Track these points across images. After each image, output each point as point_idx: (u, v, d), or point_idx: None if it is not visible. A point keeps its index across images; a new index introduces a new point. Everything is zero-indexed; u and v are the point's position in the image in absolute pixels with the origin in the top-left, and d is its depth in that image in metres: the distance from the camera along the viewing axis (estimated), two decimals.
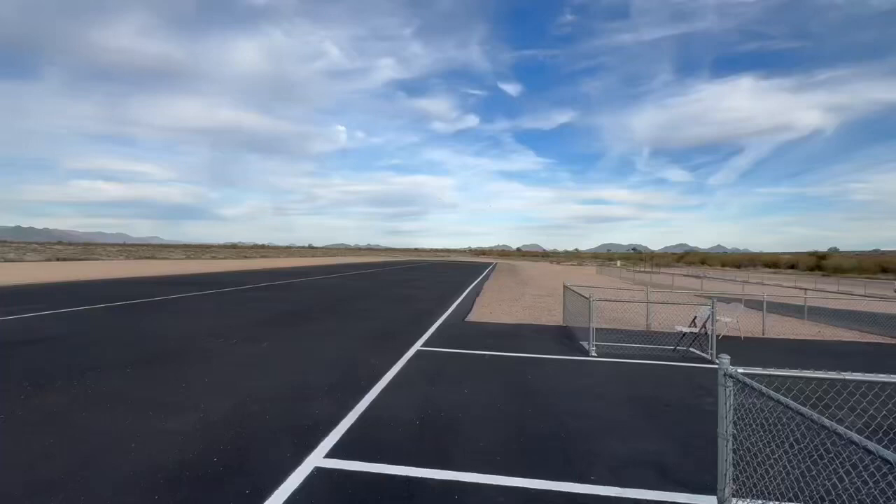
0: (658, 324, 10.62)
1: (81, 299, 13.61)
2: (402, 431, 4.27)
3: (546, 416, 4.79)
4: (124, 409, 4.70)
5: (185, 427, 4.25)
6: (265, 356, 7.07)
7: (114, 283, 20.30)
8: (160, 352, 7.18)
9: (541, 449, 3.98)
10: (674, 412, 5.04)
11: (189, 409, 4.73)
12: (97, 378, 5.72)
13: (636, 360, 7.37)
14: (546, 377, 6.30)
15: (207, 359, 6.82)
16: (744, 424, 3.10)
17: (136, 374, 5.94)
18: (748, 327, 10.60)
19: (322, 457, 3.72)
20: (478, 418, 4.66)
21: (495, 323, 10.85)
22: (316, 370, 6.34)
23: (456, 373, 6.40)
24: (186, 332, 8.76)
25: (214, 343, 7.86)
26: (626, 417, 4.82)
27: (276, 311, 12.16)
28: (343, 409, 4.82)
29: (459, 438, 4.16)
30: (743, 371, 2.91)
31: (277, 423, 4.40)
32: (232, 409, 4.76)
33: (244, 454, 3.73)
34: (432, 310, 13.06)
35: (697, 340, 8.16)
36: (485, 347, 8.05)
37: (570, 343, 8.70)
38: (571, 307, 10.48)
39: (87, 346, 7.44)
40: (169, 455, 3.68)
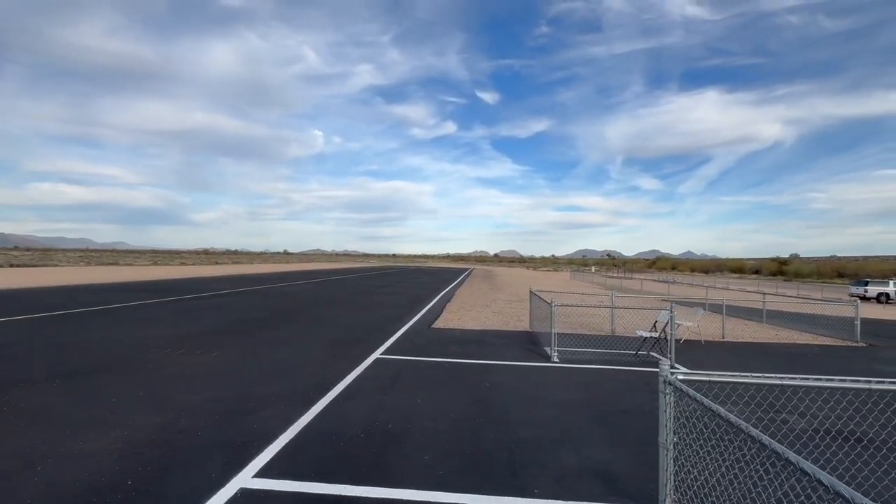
0: (623, 328, 10.68)
1: (25, 308, 12.75)
2: (343, 446, 4.03)
3: (498, 425, 4.63)
4: (40, 427, 4.29)
5: (103, 446, 3.89)
6: (212, 366, 6.68)
7: (68, 290, 19.19)
8: (99, 363, 6.70)
9: (487, 461, 3.81)
10: (629, 418, 4.97)
11: (114, 425, 4.36)
12: (17, 394, 5.24)
13: (598, 366, 7.33)
14: (504, 385, 6.16)
15: (148, 370, 6.39)
16: (687, 432, 3.02)
17: (66, 389, 5.48)
18: (709, 331, 10.78)
19: (251, 476, 3.44)
20: (427, 430, 4.46)
21: (461, 329, 10.69)
22: (265, 381, 6.02)
23: (412, 381, 6.19)
24: (133, 342, 8.24)
25: (160, 353, 7.41)
26: (581, 425, 4.72)
27: (235, 318, 11.67)
28: (285, 422, 4.54)
29: (404, 452, 3.94)
30: (683, 377, 2.82)
31: (209, 440, 4.09)
32: (162, 424, 4.41)
33: (163, 476, 3.42)
34: (400, 316, 12.81)
35: (658, 345, 8.20)
36: (446, 355, 7.87)
37: (534, 349, 8.61)
38: (537, 313, 10.42)
39: (16, 359, 6.88)
40: (77, 479, 3.34)
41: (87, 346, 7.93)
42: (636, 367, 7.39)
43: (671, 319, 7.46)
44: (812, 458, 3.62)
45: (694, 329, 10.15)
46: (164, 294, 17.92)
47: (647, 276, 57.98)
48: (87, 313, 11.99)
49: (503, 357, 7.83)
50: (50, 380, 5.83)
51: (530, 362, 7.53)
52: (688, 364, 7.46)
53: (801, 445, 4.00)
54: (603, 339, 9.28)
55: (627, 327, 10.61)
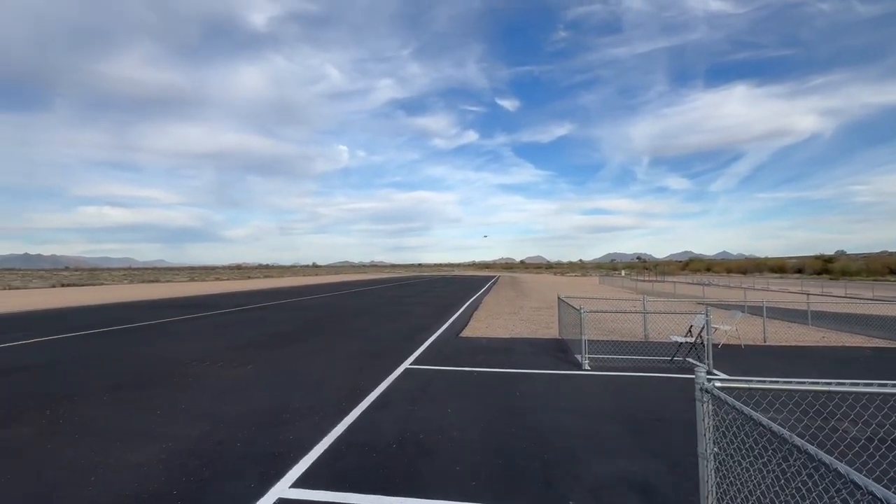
0: (656, 334, 10.37)
1: (74, 325, 13.53)
2: (375, 457, 4.08)
3: (530, 435, 4.58)
4: (92, 439, 4.54)
5: (149, 457, 4.07)
6: (248, 379, 6.90)
7: (113, 307, 20.23)
8: (143, 377, 7.03)
9: (520, 472, 3.77)
10: (666, 428, 4.81)
11: (158, 437, 4.56)
12: (69, 407, 5.56)
13: (631, 373, 7.14)
14: (535, 393, 6.09)
15: (188, 383, 6.66)
16: (728, 442, 2.90)
17: (112, 402, 5.78)
18: (749, 335, 10.32)
19: (288, 486, 3.53)
20: (458, 440, 4.46)
21: (489, 338, 10.63)
22: (298, 392, 6.16)
23: (441, 392, 6.20)
24: (173, 356, 8.61)
25: (199, 367, 7.71)
26: (616, 434, 4.60)
27: (268, 331, 12.01)
28: (318, 433, 4.64)
29: (436, 463, 3.95)
30: (721, 384, 2.72)
31: (247, 451, 4.22)
32: (202, 436, 4.58)
33: (205, 485, 3.55)
34: (428, 326, 12.86)
35: (694, 350, 7.91)
36: (475, 364, 7.84)
37: (564, 357, 8.47)
38: (566, 319, 10.26)
39: (68, 374, 7.31)
40: (127, 487, 3.51)
41: (132, 360, 8.34)
42: (672, 373, 7.15)
43: (707, 323, 7.20)
44: (865, 469, 3.41)
45: (732, 333, 9.75)
46: (201, 309, 18.63)
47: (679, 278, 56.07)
48: (131, 329, 12.60)
49: (533, 365, 7.74)
50: (100, 393, 6.16)
51: (560, 370, 7.41)
52: (727, 370, 7.17)
53: (853, 456, 3.77)
54: (635, 346, 9.02)
55: (661, 333, 10.29)
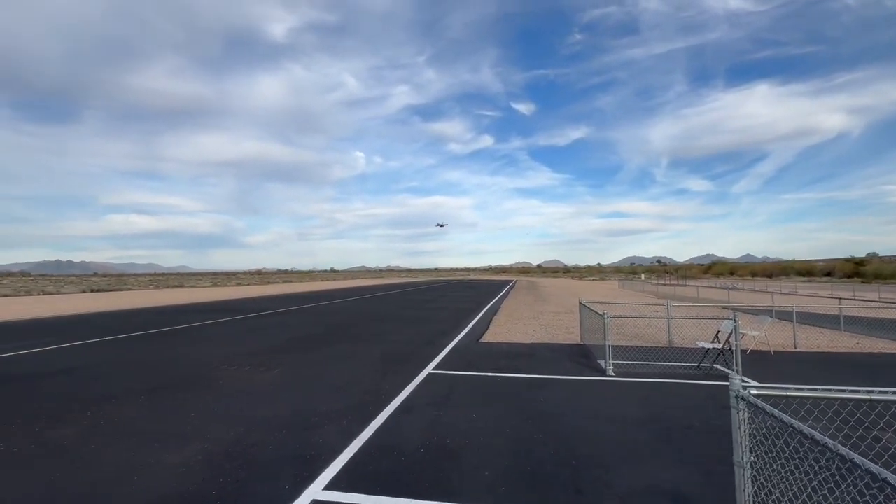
0: (681, 339, 10.18)
1: (107, 329, 14.02)
2: (405, 461, 4.13)
3: (557, 441, 4.57)
4: (132, 439, 4.72)
5: (187, 458, 4.22)
6: (276, 383, 7.06)
7: (141, 312, 20.87)
8: (176, 380, 7.25)
9: (549, 478, 3.77)
10: (696, 435, 4.74)
11: (194, 438, 4.72)
12: (109, 409, 5.79)
13: (656, 379, 7.04)
14: (559, 400, 6.06)
15: (219, 387, 6.85)
16: (765, 451, 2.86)
17: (150, 404, 5.99)
18: (779, 340, 10.05)
19: (321, 489, 3.61)
20: (485, 446, 4.48)
21: (510, 343, 10.61)
22: (325, 396, 6.28)
23: (465, 397, 6.23)
24: (203, 360, 8.86)
25: (228, 370, 7.92)
26: (644, 441, 4.56)
27: (292, 336, 12.23)
28: (347, 437, 4.72)
29: (464, 468, 3.99)
30: (756, 392, 2.70)
31: (279, 453, 4.33)
32: (236, 438, 4.72)
33: (242, 486, 3.66)
34: (447, 331, 12.90)
35: (722, 356, 7.75)
36: (497, 369, 7.85)
37: (586, 362, 8.40)
38: (588, 324, 10.18)
39: (105, 377, 7.59)
40: (169, 487, 3.65)
41: (165, 363, 8.61)
42: (699, 380, 7.02)
43: (735, 329, 7.06)
44: None
45: (761, 339, 9.51)
46: (225, 314, 19.07)
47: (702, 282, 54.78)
48: (161, 333, 13.00)
49: (555, 371, 7.70)
50: (136, 395, 6.39)
51: (584, 376, 7.35)
52: (757, 377, 7.00)
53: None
54: (660, 352, 8.89)
55: (686, 338, 10.11)
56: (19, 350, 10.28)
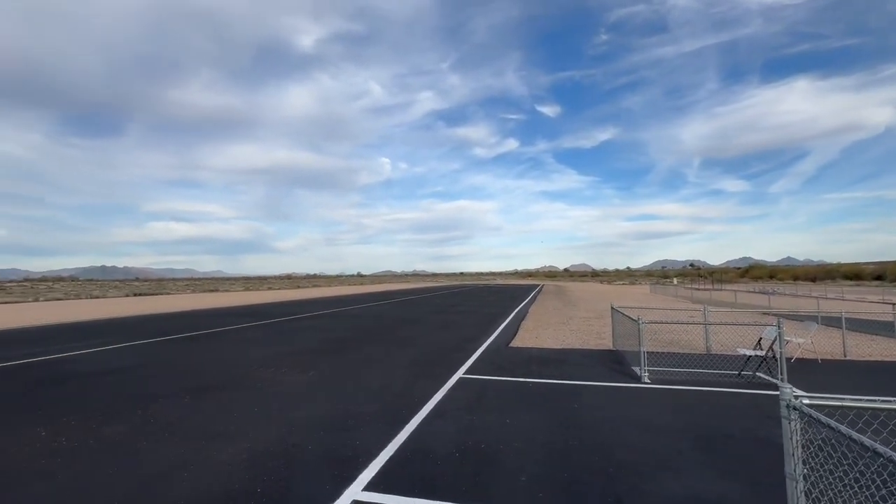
0: (719, 346, 9.83)
1: (150, 332, 14.72)
2: (440, 464, 4.17)
3: (593, 449, 4.51)
4: (180, 437, 4.96)
5: (232, 456, 4.40)
6: (311, 385, 7.24)
7: (180, 315, 21.79)
8: (217, 381, 7.55)
9: (587, 485, 3.73)
10: (739, 445, 4.58)
11: (238, 437, 4.91)
12: (157, 408, 6.09)
13: (694, 387, 6.83)
14: (594, 406, 5.97)
15: (258, 388, 7.09)
16: (818, 463, 2.75)
17: (193, 404, 6.27)
18: (826, 348, 9.56)
19: (360, 489, 3.70)
20: (520, 451, 4.47)
21: (540, 348, 10.51)
22: (358, 399, 6.40)
23: (497, 402, 6.22)
24: (241, 362, 9.19)
25: (265, 372, 8.18)
26: (684, 450, 4.44)
27: (323, 339, 12.51)
28: (383, 439, 4.80)
29: (500, 473, 3.99)
30: (810, 401, 2.60)
31: (319, 453, 4.45)
32: (277, 438, 4.88)
33: (286, 485, 3.79)
34: (476, 335, 12.90)
35: (765, 364, 7.44)
36: (528, 375, 7.79)
37: (620, 369, 8.23)
38: (620, 330, 9.97)
39: (151, 377, 7.98)
40: (217, 484, 3.82)
41: (206, 365, 8.98)
42: (740, 388, 6.77)
43: (779, 336, 6.77)
44: None
45: (807, 346, 9.07)
46: (259, 318, 19.67)
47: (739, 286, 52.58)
48: (200, 336, 13.55)
49: (588, 377, 7.58)
50: (181, 395, 6.70)
51: (618, 383, 7.21)
52: (804, 386, 6.68)
53: None
54: (697, 358, 8.61)
55: (725, 345, 9.75)
56: (74, 350, 10.94)
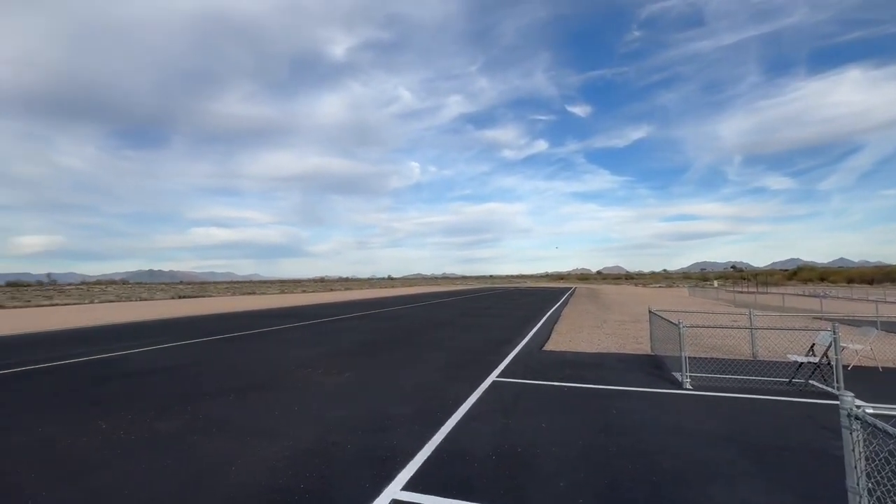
0: (766, 352, 9.35)
1: (195, 333, 15.45)
2: (477, 466, 4.18)
3: (634, 455, 4.39)
4: (226, 434, 5.19)
5: (275, 453, 4.56)
6: (347, 385, 7.41)
7: (222, 317, 22.75)
8: (258, 381, 7.85)
9: (631, 493, 3.64)
10: (793, 456, 4.34)
11: (280, 436, 5.08)
12: (203, 405, 6.39)
13: (740, 395, 6.52)
14: (633, 411, 5.81)
15: (297, 387, 7.31)
16: (884, 476, 2.58)
17: (236, 402, 6.54)
18: (888, 355, 8.91)
19: (399, 489, 3.75)
20: (557, 456, 4.41)
21: (574, 352, 10.32)
22: (394, 400, 6.49)
23: (533, 405, 6.16)
24: (279, 363, 9.50)
25: (303, 373, 8.43)
26: (732, 461, 4.25)
27: (357, 341, 12.75)
28: (419, 440, 4.86)
29: (538, 477, 3.96)
30: (874, 411, 2.45)
31: (357, 453, 4.55)
32: (317, 437, 5.02)
33: (328, 482, 3.90)
34: (508, 338, 12.81)
35: (819, 371, 7.02)
36: (564, 378, 7.67)
37: (659, 374, 7.97)
38: (659, 334, 9.65)
39: (197, 376, 8.38)
40: (263, 479, 3.97)
41: (247, 365, 9.34)
42: (792, 397, 6.41)
43: (835, 341, 6.38)
44: None
45: (866, 353, 8.49)
46: (294, 319, 20.27)
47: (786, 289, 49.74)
48: (240, 336, 14.11)
49: (626, 382, 7.39)
50: (226, 394, 7.00)
51: (658, 388, 6.99)
52: (863, 395, 6.23)
53: None
54: (742, 365, 8.22)
55: (773, 351, 9.26)
56: (127, 350, 11.63)
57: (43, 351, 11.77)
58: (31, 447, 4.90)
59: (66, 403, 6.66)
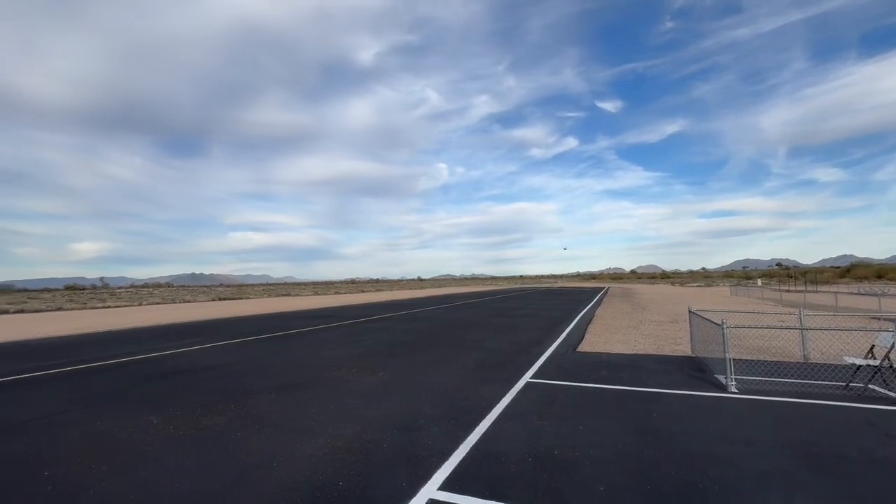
0: (819, 354, 8.80)
1: (234, 333, 16.07)
2: (514, 468, 4.13)
3: (678, 461, 4.23)
4: (268, 431, 5.35)
5: (315, 450, 4.67)
6: (382, 385, 7.50)
7: (260, 318, 23.55)
8: (295, 380, 8.07)
9: (673, 500, 3.50)
10: (855, 466, 4.06)
11: (319, 433, 5.20)
12: (246, 403, 6.63)
13: (791, 399, 6.17)
14: (674, 415, 5.60)
15: (333, 387, 7.47)
16: None
17: (278, 400, 6.74)
18: None
19: (435, 489, 3.76)
20: (595, 459, 4.30)
21: (609, 353, 10.06)
22: (428, 400, 6.52)
23: (569, 407, 6.04)
24: (315, 362, 9.74)
25: (338, 372, 8.60)
26: (787, 470, 4.02)
27: (389, 341, 12.90)
28: (454, 441, 4.85)
29: (576, 480, 3.87)
30: None
31: (393, 451, 4.59)
32: (353, 435, 5.11)
33: (365, 480, 3.96)
34: (540, 339, 12.63)
35: (879, 375, 6.54)
36: (600, 380, 7.49)
37: (701, 376, 7.65)
38: (700, 335, 9.27)
39: (238, 375, 8.70)
40: (303, 475, 4.07)
41: (285, 364, 9.63)
42: (849, 402, 6.00)
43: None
44: None
45: None
46: (328, 320, 20.73)
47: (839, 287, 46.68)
48: (277, 337, 14.56)
49: (665, 385, 7.13)
50: (267, 392, 7.23)
51: (700, 391, 6.71)
52: None
53: None
54: (793, 367, 7.77)
55: (827, 353, 8.71)
56: (173, 349, 12.22)
57: (99, 350, 12.54)
58: (91, 440, 5.23)
59: (120, 399, 7.07)
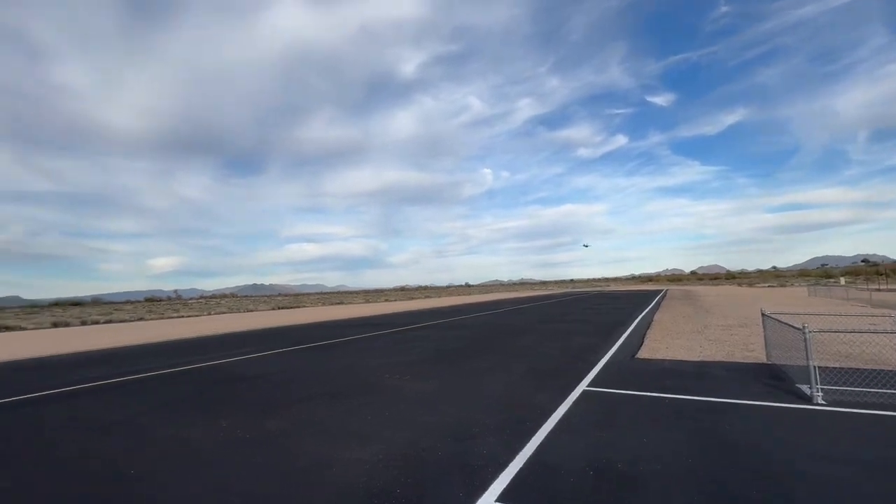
0: None
1: (292, 341, 16.82)
2: (574, 481, 3.96)
3: (759, 478, 3.86)
4: (323, 437, 5.51)
5: (370, 456, 4.74)
6: (434, 392, 7.52)
7: (315, 326, 24.53)
8: (350, 386, 8.28)
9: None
10: None
11: (373, 439, 5.28)
12: (302, 409, 6.88)
13: (891, 413, 5.47)
14: (751, 428, 5.14)
15: (386, 393, 7.58)
16: None
17: (331, 406, 6.94)
18: None
19: (493, 500, 3.68)
20: (663, 474, 4.03)
21: (672, 360, 9.46)
22: (481, 408, 6.45)
23: (631, 418, 5.73)
24: (368, 369, 9.96)
25: (390, 379, 8.73)
26: (890, 494, 3.55)
27: (439, 348, 12.94)
28: (510, 450, 4.74)
29: (642, 496, 3.64)
30: None
31: (449, 460, 4.56)
32: (408, 442, 5.13)
33: (422, 488, 3.95)
34: (595, 345, 12.14)
35: None
36: (664, 389, 7.05)
37: (780, 386, 6.99)
38: (776, 340, 8.49)
39: (294, 381, 9.06)
40: (360, 481, 4.14)
41: (338, 371, 9.92)
42: None
43: None
44: None
45: None
46: (380, 328, 21.19)
47: None
48: (332, 344, 15.07)
49: (738, 395, 6.58)
50: (321, 398, 7.47)
51: (779, 402, 6.12)
52: None
53: None
54: (889, 376, 6.91)
55: None
56: (236, 356, 12.99)
57: (173, 357, 13.59)
58: (170, 441, 5.64)
59: (192, 403, 7.59)
